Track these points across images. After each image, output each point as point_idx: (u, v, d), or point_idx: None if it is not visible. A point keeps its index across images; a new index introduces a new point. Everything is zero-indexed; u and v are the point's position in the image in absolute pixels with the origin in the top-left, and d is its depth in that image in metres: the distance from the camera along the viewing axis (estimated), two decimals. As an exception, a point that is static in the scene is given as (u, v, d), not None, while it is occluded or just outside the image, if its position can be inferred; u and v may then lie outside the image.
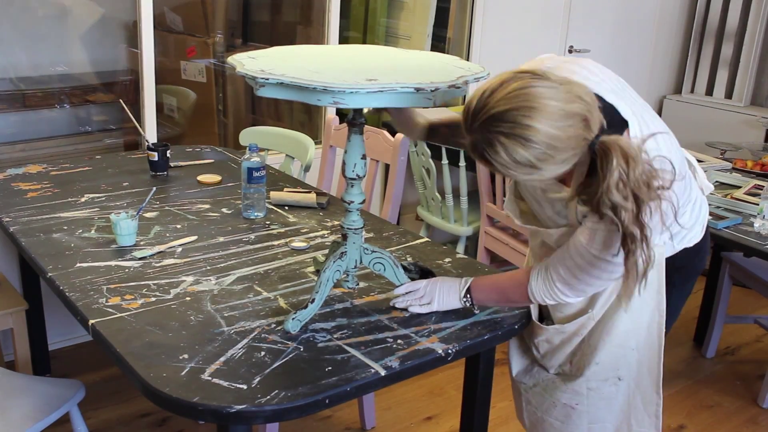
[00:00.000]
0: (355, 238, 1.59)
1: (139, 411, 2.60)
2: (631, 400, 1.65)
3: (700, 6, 4.75)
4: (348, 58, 1.57)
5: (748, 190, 2.70)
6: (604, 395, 1.64)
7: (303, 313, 1.52)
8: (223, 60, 3.88)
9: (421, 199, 3.50)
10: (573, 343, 1.62)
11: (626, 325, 1.57)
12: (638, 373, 1.63)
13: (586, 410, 1.66)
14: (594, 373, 1.61)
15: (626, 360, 1.60)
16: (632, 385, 1.64)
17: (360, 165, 1.52)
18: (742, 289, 3.66)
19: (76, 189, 2.32)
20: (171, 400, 1.28)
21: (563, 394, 1.67)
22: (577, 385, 1.64)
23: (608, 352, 1.59)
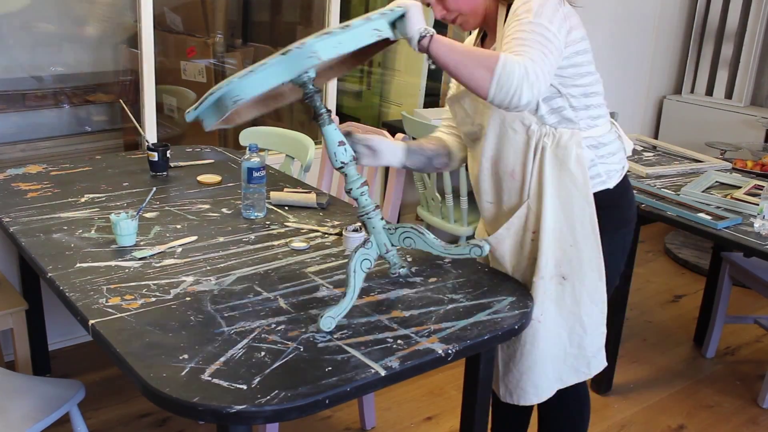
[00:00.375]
0: (372, 224, 1.58)
1: (139, 411, 2.60)
2: (577, 298, 1.76)
3: (700, 6, 4.76)
4: None
5: (748, 191, 2.70)
6: (553, 297, 1.75)
7: (335, 310, 1.52)
8: (223, 60, 3.88)
9: (421, 199, 3.50)
10: (527, 243, 1.75)
11: (557, 216, 1.71)
12: (580, 271, 1.74)
13: (547, 319, 1.76)
14: (545, 271, 1.72)
15: (567, 257, 1.73)
16: (577, 284, 1.75)
17: (341, 151, 1.52)
18: (742, 289, 3.66)
19: (76, 189, 2.32)
20: (171, 401, 1.28)
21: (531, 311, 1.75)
22: (537, 292, 1.73)
23: (549, 247, 1.72)
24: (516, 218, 1.75)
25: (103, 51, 3.43)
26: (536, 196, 1.71)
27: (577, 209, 1.71)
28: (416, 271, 1.82)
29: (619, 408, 2.77)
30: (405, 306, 1.64)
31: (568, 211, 1.71)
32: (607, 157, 1.75)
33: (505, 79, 1.45)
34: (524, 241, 1.76)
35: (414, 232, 1.62)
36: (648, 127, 4.95)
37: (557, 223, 1.71)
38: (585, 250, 1.73)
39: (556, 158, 1.68)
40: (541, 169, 1.69)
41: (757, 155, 3.59)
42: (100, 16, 3.40)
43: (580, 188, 1.70)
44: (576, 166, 1.68)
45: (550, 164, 1.68)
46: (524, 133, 1.68)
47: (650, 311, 3.59)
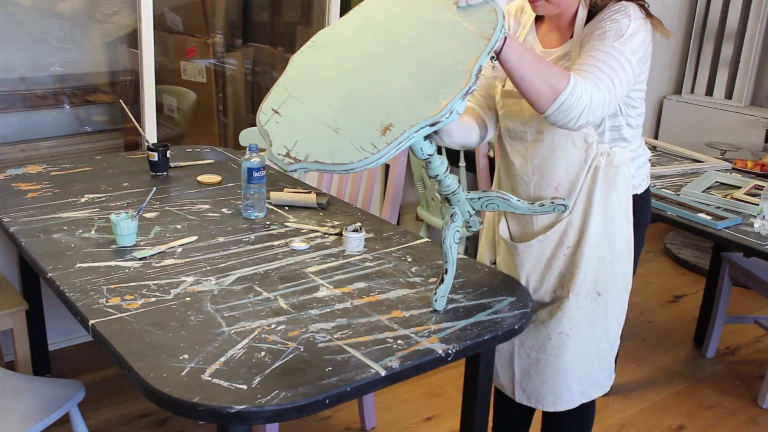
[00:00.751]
0: (457, 198, 1.60)
1: (139, 411, 2.60)
2: (608, 313, 1.78)
3: (700, 6, 4.75)
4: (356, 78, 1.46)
5: (748, 191, 2.70)
6: (586, 312, 1.75)
7: (443, 288, 1.59)
8: (223, 60, 3.88)
9: (421, 199, 3.50)
10: (559, 257, 1.74)
11: (600, 234, 1.70)
12: (614, 286, 1.76)
13: (575, 334, 1.76)
14: (581, 287, 1.72)
15: (604, 273, 1.73)
16: (610, 299, 1.76)
17: (426, 145, 1.48)
18: (742, 289, 3.66)
19: (76, 189, 2.32)
20: (171, 401, 1.28)
21: (558, 322, 1.76)
22: (570, 306, 1.74)
23: (589, 264, 1.71)
24: (553, 232, 1.72)
25: (103, 51, 3.43)
26: (581, 214, 1.70)
27: (618, 226, 1.71)
28: (416, 271, 1.82)
29: (619, 408, 2.77)
30: (405, 306, 1.64)
31: (610, 228, 1.71)
32: (640, 168, 1.77)
33: (569, 104, 1.45)
34: (556, 255, 1.74)
35: (498, 198, 1.62)
36: (648, 127, 4.95)
37: (598, 240, 1.70)
38: (620, 266, 1.74)
39: (607, 178, 1.67)
40: (591, 188, 1.68)
41: (757, 155, 3.59)
42: (100, 16, 3.40)
43: (624, 206, 1.70)
44: (623, 185, 1.69)
45: (601, 184, 1.67)
46: (584, 150, 1.66)
47: (650, 311, 3.59)
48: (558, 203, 1.64)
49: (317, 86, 1.48)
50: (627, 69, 1.53)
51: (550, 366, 1.80)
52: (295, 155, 1.37)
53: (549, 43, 1.70)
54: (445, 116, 1.30)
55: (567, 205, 1.64)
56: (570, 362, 1.78)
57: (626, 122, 1.67)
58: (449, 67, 1.34)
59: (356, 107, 1.39)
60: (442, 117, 1.30)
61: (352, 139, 1.34)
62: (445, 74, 1.34)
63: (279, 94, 1.50)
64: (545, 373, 1.81)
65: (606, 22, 1.56)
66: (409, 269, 1.83)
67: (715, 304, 3.08)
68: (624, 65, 1.52)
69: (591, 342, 1.79)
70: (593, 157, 1.66)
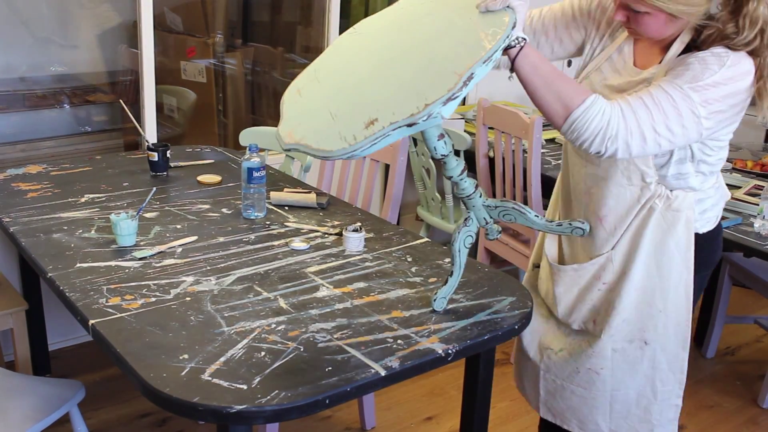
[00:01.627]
0: (473, 202, 1.56)
1: (139, 411, 2.60)
2: (656, 364, 1.64)
3: (700, 6, 4.75)
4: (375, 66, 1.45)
5: (748, 191, 2.70)
6: (629, 359, 1.63)
7: (445, 290, 1.59)
8: (223, 60, 3.88)
9: (421, 199, 3.50)
10: (593, 291, 1.63)
11: (650, 279, 1.57)
12: (665, 338, 1.61)
13: (610, 375, 1.65)
14: (619, 332, 1.61)
15: (653, 322, 1.59)
16: (658, 350, 1.62)
17: (440, 145, 1.44)
18: (742, 289, 3.65)
19: (76, 189, 2.32)
20: (171, 401, 1.28)
21: (588, 359, 1.66)
22: (602, 346, 1.63)
23: (634, 309, 1.59)
24: (591, 265, 1.62)
25: (103, 51, 3.43)
26: (625, 253, 1.58)
27: (675, 275, 1.57)
28: (416, 271, 1.82)
29: (619, 408, 2.77)
30: (405, 306, 1.64)
31: (665, 275, 1.57)
32: (708, 210, 1.61)
33: (580, 124, 1.36)
34: (590, 287, 1.64)
35: (515, 210, 1.56)
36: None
37: (648, 286, 1.58)
38: (674, 317, 1.60)
39: (664, 220, 1.54)
40: (641, 228, 1.55)
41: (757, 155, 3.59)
42: (100, 16, 3.40)
43: (683, 253, 1.56)
44: (684, 230, 1.54)
45: (655, 225, 1.54)
46: (639, 188, 1.54)
47: (650, 311, 3.59)
48: (576, 226, 1.56)
49: (337, 72, 1.49)
50: (686, 117, 1.36)
51: (577, 396, 1.71)
52: (292, 135, 1.38)
53: (641, 61, 1.54)
54: (422, 118, 1.27)
55: (585, 230, 1.55)
56: (600, 398, 1.68)
57: (696, 170, 1.52)
58: (446, 70, 1.31)
59: (357, 97, 1.39)
60: (419, 119, 1.27)
61: (341, 128, 1.34)
62: (440, 77, 1.31)
63: (307, 75, 1.52)
64: (571, 400, 1.73)
65: (695, 60, 1.39)
66: (409, 269, 1.83)
67: (715, 304, 3.08)
68: (682, 112, 1.36)
69: (630, 388, 1.67)
70: (648, 198, 1.53)
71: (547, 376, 1.76)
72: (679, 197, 1.53)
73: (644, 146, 1.38)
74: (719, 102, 1.38)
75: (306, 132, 1.38)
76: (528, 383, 1.84)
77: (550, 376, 1.75)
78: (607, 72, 1.58)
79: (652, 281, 1.58)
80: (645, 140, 1.37)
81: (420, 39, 1.42)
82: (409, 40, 1.44)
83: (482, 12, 1.35)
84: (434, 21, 1.45)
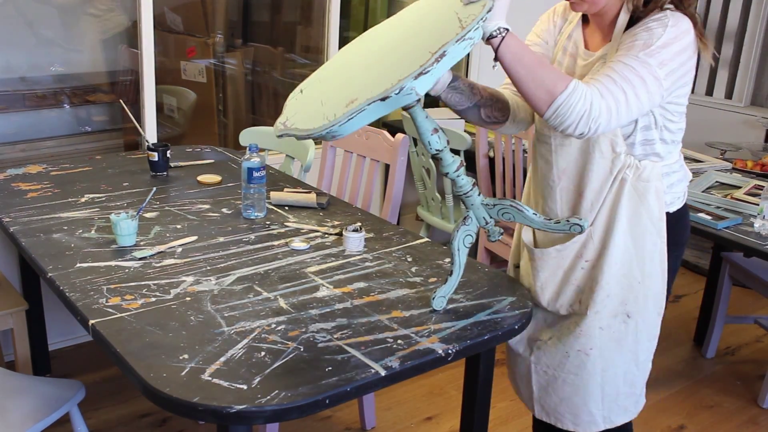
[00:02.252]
0: (471, 201, 1.57)
1: (139, 411, 2.60)
2: (638, 336, 1.69)
3: (700, 6, 4.75)
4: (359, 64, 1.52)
5: (748, 191, 2.70)
6: (615, 335, 1.67)
7: (445, 289, 1.59)
8: (224, 60, 3.88)
9: (421, 199, 3.50)
10: (577, 270, 1.66)
11: (627, 251, 1.62)
12: (645, 308, 1.66)
13: (599, 355, 1.68)
14: (604, 307, 1.64)
15: (633, 294, 1.64)
16: (640, 321, 1.67)
17: (434, 139, 1.47)
18: (742, 289, 3.66)
19: (76, 189, 2.32)
20: (171, 400, 1.28)
21: (576, 340, 1.68)
22: (589, 324, 1.66)
23: (616, 284, 1.63)
24: (572, 243, 1.65)
25: (103, 51, 3.43)
26: (603, 228, 1.61)
27: (650, 244, 1.62)
28: (416, 271, 1.82)
29: (619, 408, 2.77)
30: (405, 306, 1.64)
31: (640, 246, 1.62)
32: (675, 185, 1.67)
33: (564, 110, 1.41)
34: (574, 267, 1.67)
35: (513, 208, 1.57)
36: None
37: (626, 258, 1.62)
38: (652, 286, 1.65)
39: (635, 192, 1.59)
40: (615, 201, 1.60)
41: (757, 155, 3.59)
42: (100, 16, 3.40)
43: (655, 222, 1.61)
44: (654, 199, 1.60)
45: (628, 197, 1.59)
46: (610, 159, 1.59)
47: (650, 311, 3.59)
48: (574, 222, 1.56)
49: (336, 72, 1.56)
50: (649, 82, 1.45)
51: (569, 384, 1.72)
52: (285, 124, 1.46)
53: (592, 43, 1.64)
54: (394, 92, 1.30)
55: (583, 227, 1.56)
56: (592, 383, 1.70)
57: (660, 137, 1.58)
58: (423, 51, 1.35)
59: (346, 87, 1.44)
60: (391, 92, 1.31)
61: (326, 110, 1.40)
62: (416, 57, 1.35)
63: (311, 77, 1.59)
64: (563, 390, 1.74)
65: (640, 30, 1.48)
66: (409, 269, 1.83)
67: (715, 304, 3.08)
68: (645, 78, 1.44)
69: (619, 365, 1.70)
70: (619, 169, 1.58)
71: (538, 369, 1.77)
72: (648, 167, 1.58)
73: (620, 120, 1.46)
74: (672, 61, 1.47)
75: (297, 119, 1.45)
76: (521, 382, 1.85)
77: (540, 367, 1.77)
78: (563, 60, 1.67)
79: (629, 253, 1.62)
80: (620, 114, 1.45)
81: (409, 34, 1.48)
82: (401, 36, 1.50)
83: (465, 4, 1.40)
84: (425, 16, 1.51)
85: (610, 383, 1.71)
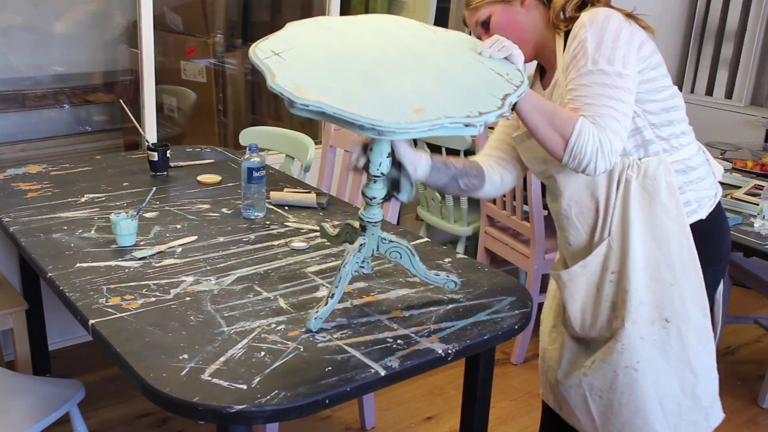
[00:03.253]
0: (374, 230, 1.56)
1: (139, 411, 2.60)
2: (684, 341, 1.62)
3: (700, 6, 4.76)
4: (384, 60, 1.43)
5: (748, 190, 2.70)
6: (657, 342, 1.62)
7: (323, 311, 1.52)
8: (223, 60, 3.88)
9: (421, 199, 3.50)
10: (606, 284, 1.63)
11: (651, 253, 1.58)
12: (684, 311, 1.61)
13: (647, 367, 1.63)
14: (640, 316, 1.60)
15: (668, 297, 1.60)
16: (681, 325, 1.61)
17: (386, 163, 1.46)
18: (742, 289, 3.65)
19: (76, 189, 2.32)
20: (171, 400, 1.28)
21: (621, 356, 1.63)
22: (629, 336, 1.61)
23: (646, 289, 1.59)
24: (594, 257, 1.63)
25: (103, 51, 3.43)
26: (619, 234, 1.59)
27: (674, 243, 1.57)
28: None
29: (619, 408, 2.77)
30: (405, 306, 1.64)
31: (664, 247, 1.58)
32: (696, 182, 1.61)
33: (578, 150, 1.41)
34: (602, 281, 1.64)
35: (405, 249, 1.59)
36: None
37: (652, 261, 1.59)
38: (687, 287, 1.60)
39: (644, 190, 1.56)
40: (625, 204, 1.57)
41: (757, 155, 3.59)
42: (100, 16, 3.40)
43: (675, 219, 1.56)
44: (668, 196, 1.55)
45: (637, 197, 1.56)
46: None
47: (650, 311, 3.59)
48: (451, 279, 1.65)
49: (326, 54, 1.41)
50: (617, 82, 1.43)
51: (625, 405, 1.66)
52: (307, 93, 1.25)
53: (546, 81, 1.65)
54: (479, 122, 1.28)
55: (457, 283, 1.62)
56: (648, 400, 1.64)
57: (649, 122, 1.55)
58: (478, 90, 1.34)
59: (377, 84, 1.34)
60: (476, 122, 1.28)
61: (378, 105, 1.26)
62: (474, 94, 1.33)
63: (279, 43, 1.42)
64: (622, 413, 1.67)
65: (573, 46, 1.49)
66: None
67: (715, 304, 3.08)
68: (609, 83, 1.43)
69: (669, 375, 1.64)
70: (620, 171, 1.56)
71: (593, 395, 1.71)
72: (653, 163, 1.55)
73: (625, 133, 1.45)
74: (619, 49, 1.45)
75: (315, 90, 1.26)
76: (582, 416, 1.78)
77: (595, 393, 1.71)
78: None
79: (655, 256, 1.58)
80: (624, 128, 1.44)
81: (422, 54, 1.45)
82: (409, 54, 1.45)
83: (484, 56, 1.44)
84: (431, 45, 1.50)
85: (667, 396, 1.65)
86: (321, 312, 1.51)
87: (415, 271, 1.62)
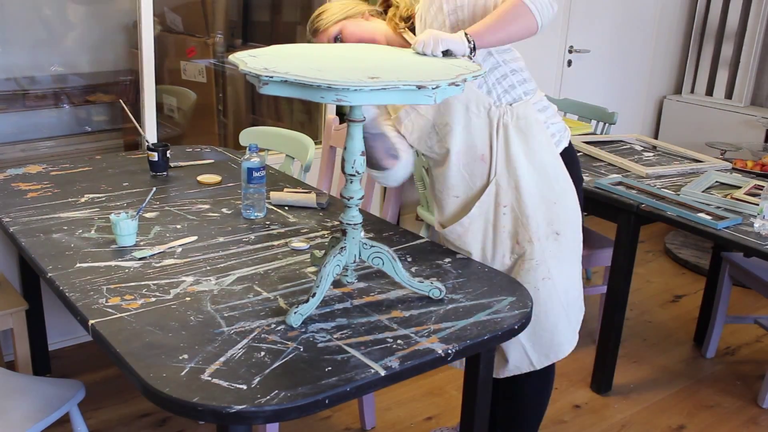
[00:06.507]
0: (354, 234, 1.60)
1: (139, 411, 2.60)
2: (573, 247, 1.91)
3: (700, 6, 4.76)
4: (349, 58, 1.57)
5: (748, 191, 2.70)
6: (555, 253, 1.87)
7: (304, 307, 1.53)
8: (224, 60, 3.88)
9: (421, 199, 3.50)
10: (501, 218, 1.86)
11: (537, 181, 1.83)
12: (568, 222, 1.88)
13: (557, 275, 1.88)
14: (538, 232, 1.85)
15: (555, 212, 1.86)
16: (570, 238, 1.89)
17: (360, 161, 1.54)
18: (742, 289, 3.66)
19: (76, 189, 2.32)
20: (171, 400, 1.28)
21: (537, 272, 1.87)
22: (539, 252, 1.86)
23: (537, 210, 1.84)
24: (486, 196, 1.85)
25: (103, 51, 3.43)
26: (505, 171, 1.82)
27: (551, 168, 1.84)
28: (416, 271, 1.82)
29: (619, 408, 2.77)
30: (405, 306, 1.64)
31: (543, 172, 1.83)
32: (553, 117, 1.89)
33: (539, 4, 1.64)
34: (497, 216, 1.87)
35: (386, 255, 1.62)
36: (648, 127, 4.95)
37: (538, 186, 1.83)
38: (567, 203, 1.87)
39: (520, 130, 1.80)
40: (507, 145, 1.81)
41: (757, 155, 3.59)
42: (100, 16, 3.40)
43: (548, 149, 1.83)
44: (538, 131, 1.82)
45: (515, 137, 1.80)
46: (486, 115, 1.80)
47: (650, 311, 3.59)
48: (436, 286, 1.66)
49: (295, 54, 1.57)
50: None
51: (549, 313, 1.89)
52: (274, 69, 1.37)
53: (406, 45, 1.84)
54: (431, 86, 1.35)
55: (443, 291, 1.66)
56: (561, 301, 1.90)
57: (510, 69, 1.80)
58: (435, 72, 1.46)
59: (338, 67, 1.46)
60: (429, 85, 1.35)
61: (337, 76, 1.35)
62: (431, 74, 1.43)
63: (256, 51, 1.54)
64: (548, 322, 1.90)
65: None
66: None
67: (715, 304, 3.08)
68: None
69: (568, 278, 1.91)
70: (498, 119, 1.79)
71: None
72: (521, 107, 1.81)
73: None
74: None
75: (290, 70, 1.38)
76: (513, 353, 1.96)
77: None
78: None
79: (537, 183, 1.83)
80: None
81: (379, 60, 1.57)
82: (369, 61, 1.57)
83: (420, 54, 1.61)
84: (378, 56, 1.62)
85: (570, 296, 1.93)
86: (301, 308, 1.53)
87: (399, 278, 1.65)
